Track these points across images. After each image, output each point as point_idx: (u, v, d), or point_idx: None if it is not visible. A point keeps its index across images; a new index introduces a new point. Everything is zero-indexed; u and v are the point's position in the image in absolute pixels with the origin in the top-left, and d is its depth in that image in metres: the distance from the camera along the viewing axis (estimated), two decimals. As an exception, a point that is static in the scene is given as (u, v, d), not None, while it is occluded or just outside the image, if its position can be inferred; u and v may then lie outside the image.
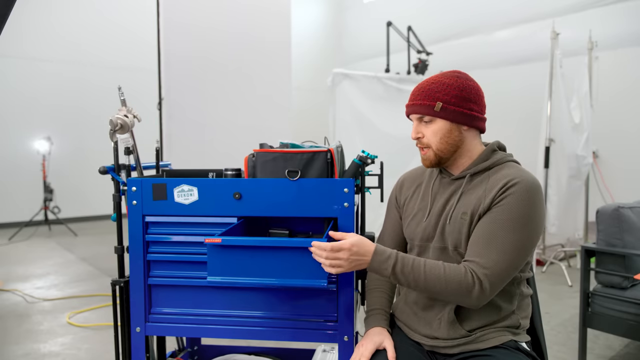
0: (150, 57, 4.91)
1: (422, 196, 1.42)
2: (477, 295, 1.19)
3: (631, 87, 5.72)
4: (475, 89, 1.33)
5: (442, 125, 1.31)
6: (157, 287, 1.61)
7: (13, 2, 1.58)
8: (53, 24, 7.24)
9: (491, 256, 1.20)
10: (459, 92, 1.29)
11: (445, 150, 1.32)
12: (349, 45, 9.86)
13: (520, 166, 1.33)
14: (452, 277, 1.20)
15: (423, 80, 1.36)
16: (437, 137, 1.32)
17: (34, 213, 6.73)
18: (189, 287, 1.60)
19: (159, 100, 3.94)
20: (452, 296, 1.21)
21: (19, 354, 2.80)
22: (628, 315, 2.36)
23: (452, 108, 1.29)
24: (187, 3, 4.08)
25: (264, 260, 1.28)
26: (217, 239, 1.28)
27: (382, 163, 1.66)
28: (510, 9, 6.90)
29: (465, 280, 1.19)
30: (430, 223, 1.36)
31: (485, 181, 1.30)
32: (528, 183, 1.23)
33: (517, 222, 1.21)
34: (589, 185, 4.95)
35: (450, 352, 1.32)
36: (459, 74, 1.34)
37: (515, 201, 1.21)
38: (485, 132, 1.38)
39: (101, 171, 1.65)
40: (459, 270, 1.21)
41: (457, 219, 1.30)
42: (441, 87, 1.30)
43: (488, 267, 1.20)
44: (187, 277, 1.59)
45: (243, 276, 1.29)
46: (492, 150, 1.35)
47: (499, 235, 1.21)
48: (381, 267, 1.23)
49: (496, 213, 1.23)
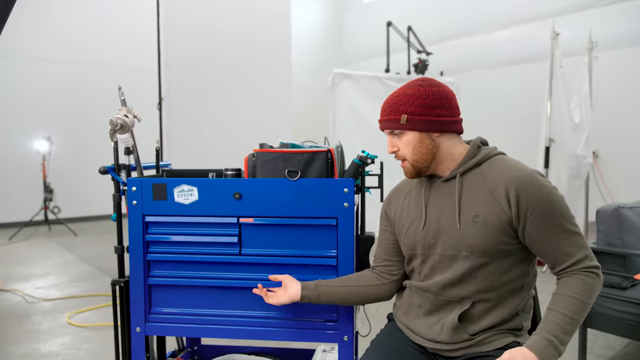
0: (150, 57, 4.91)
1: (415, 204, 1.40)
2: (601, 279, 1.25)
3: (631, 87, 5.72)
4: (440, 93, 1.30)
5: (412, 136, 1.31)
6: (157, 287, 1.61)
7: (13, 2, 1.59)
8: (53, 24, 7.24)
9: (578, 248, 1.25)
10: (422, 101, 1.28)
11: (420, 160, 1.32)
12: (349, 45, 9.86)
13: (511, 158, 1.33)
14: (592, 289, 1.23)
15: (390, 94, 1.37)
16: (410, 149, 1.32)
17: (34, 213, 6.73)
18: (189, 287, 1.60)
19: (159, 100, 3.94)
20: (596, 296, 1.25)
21: (19, 354, 2.80)
22: (628, 315, 2.36)
23: (418, 118, 1.28)
24: (187, 3, 4.08)
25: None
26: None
27: (382, 163, 1.66)
28: (510, 9, 6.90)
29: (598, 282, 1.24)
30: (430, 230, 1.33)
31: (482, 179, 1.28)
32: (528, 174, 1.25)
33: (555, 211, 1.24)
34: (589, 185, 4.95)
35: (453, 355, 1.31)
36: (422, 81, 1.32)
37: (537, 198, 1.23)
38: (463, 133, 1.37)
39: (101, 171, 1.65)
40: (585, 280, 1.23)
41: (469, 222, 1.27)
42: (405, 98, 1.30)
43: (586, 257, 1.25)
44: (187, 277, 1.59)
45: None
46: (477, 147, 1.35)
47: (558, 233, 1.24)
48: (554, 355, 1.17)
49: (538, 220, 1.24)
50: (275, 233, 1.54)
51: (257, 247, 1.55)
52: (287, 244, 1.54)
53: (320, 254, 1.52)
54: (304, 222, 1.51)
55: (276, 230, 1.54)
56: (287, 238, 1.54)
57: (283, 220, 1.52)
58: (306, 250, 1.53)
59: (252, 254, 1.55)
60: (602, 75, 5.16)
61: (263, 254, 1.55)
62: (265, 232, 1.54)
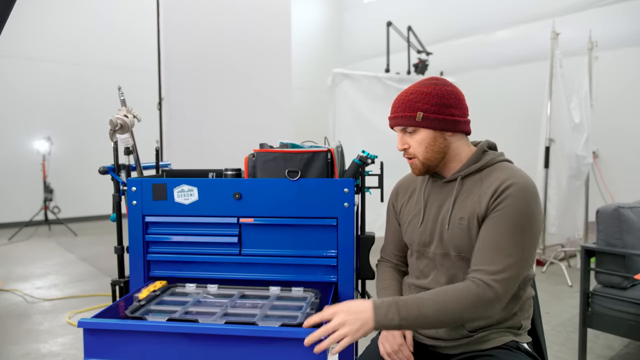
0: (150, 57, 4.91)
1: (416, 201, 1.42)
2: (492, 303, 1.17)
3: (631, 87, 5.72)
4: (454, 93, 1.32)
5: (426, 134, 1.31)
6: (157, 287, 1.61)
7: (13, 2, 1.59)
8: (53, 24, 7.24)
9: (497, 261, 1.19)
10: (438, 100, 1.29)
11: (432, 159, 1.32)
12: (349, 45, 9.86)
13: (513, 166, 1.32)
14: (464, 296, 1.16)
15: (402, 92, 1.36)
16: (423, 147, 1.32)
17: (34, 213, 6.73)
18: (189, 287, 1.59)
19: (159, 100, 3.94)
20: (470, 313, 1.17)
21: (19, 354, 2.79)
22: (628, 315, 2.36)
23: (433, 116, 1.29)
24: (187, 3, 4.09)
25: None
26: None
27: (382, 163, 1.65)
28: (510, 9, 6.90)
29: (476, 293, 1.16)
30: (427, 228, 1.36)
31: (479, 184, 1.29)
32: (522, 184, 1.23)
33: (518, 224, 1.20)
34: (589, 185, 4.95)
35: (451, 352, 1.32)
36: (437, 80, 1.34)
37: (512, 204, 1.21)
38: (471, 134, 1.38)
39: (101, 171, 1.65)
40: (467, 285, 1.18)
41: (456, 223, 1.29)
42: (420, 96, 1.30)
43: (496, 272, 1.18)
44: (187, 278, 1.59)
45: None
46: (483, 151, 1.35)
47: (502, 241, 1.20)
48: (387, 316, 1.12)
49: (496, 218, 1.22)
50: (275, 233, 1.54)
51: (257, 247, 1.55)
52: (287, 244, 1.54)
53: (320, 254, 1.52)
54: (304, 222, 1.51)
55: (276, 231, 1.54)
56: (287, 238, 1.54)
57: (283, 220, 1.52)
58: (306, 251, 1.53)
59: (252, 254, 1.55)
60: (602, 75, 5.16)
61: (263, 254, 1.55)
62: (265, 232, 1.54)
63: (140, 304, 1.29)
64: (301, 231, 1.53)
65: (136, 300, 1.33)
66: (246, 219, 1.53)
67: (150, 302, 1.34)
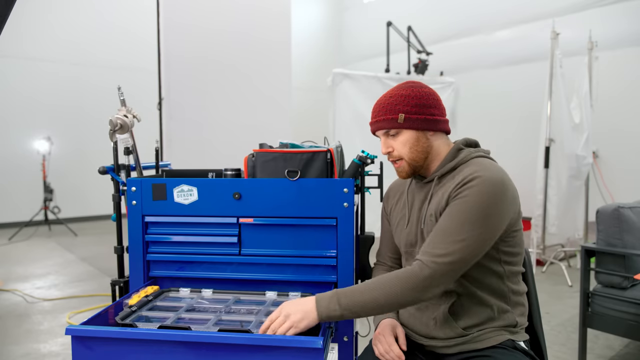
0: (150, 57, 4.91)
1: (403, 203, 1.47)
2: (427, 284, 1.17)
3: (631, 87, 5.72)
4: (431, 94, 1.35)
5: (409, 135, 1.33)
6: (156, 287, 1.60)
7: (13, 2, 1.59)
8: (53, 24, 7.24)
9: (442, 246, 1.19)
10: (417, 101, 1.32)
11: (417, 159, 1.35)
12: (349, 45, 9.86)
13: (487, 161, 1.32)
14: (403, 277, 1.19)
15: (380, 97, 1.39)
16: (407, 148, 1.34)
17: (34, 213, 6.73)
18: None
19: (159, 100, 3.94)
20: (407, 295, 1.18)
21: (19, 354, 2.80)
22: (628, 315, 2.36)
23: (414, 117, 1.31)
24: (187, 3, 4.09)
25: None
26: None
27: (382, 163, 1.65)
28: (510, 9, 6.90)
29: (413, 273, 1.18)
30: (412, 228, 1.39)
31: (451, 181, 1.30)
32: (488, 177, 1.22)
33: (474, 214, 1.20)
34: (589, 185, 4.95)
35: (448, 351, 1.33)
36: (413, 83, 1.37)
37: (472, 194, 1.21)
38: (450, 133, 1.40)
39: (101, 171, 1.65)
40: (408, 268, 1.22)
41: (428, 221, 1.33)
42: (400, 99, 1.33)
43: (438, 255, 1.18)
44: (186, 278, 1.59)
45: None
46: (458, 150, 1.36)
47: (451, 227, 1.21)
48: (329, 307, 1.17)
49: (452, 206, 1.23)
50: (275, 233, 1.54)
51: (256, 247, 1.55)
52: (287, 244, 1.54)
53: (320, 254, 1.52)
54: (304, 222, 1.50)
55: (276, 231, 1.54)
56: (286, 238, 1.54)
57: (283, 220, 1.52)
58: (306, 251, 1.53)
59: (252, 254, 1.55)
60: (602, 75, 5.16)
61: (263, 254, 1.55)
62: (265, 232, 1.54)
63: (131, 310, 1.28)
64: (301, 231, 1.53)
65: (126, 306, 1.31)
66: (246, 219, 1.53)
67: (142, 308, 1.33)
